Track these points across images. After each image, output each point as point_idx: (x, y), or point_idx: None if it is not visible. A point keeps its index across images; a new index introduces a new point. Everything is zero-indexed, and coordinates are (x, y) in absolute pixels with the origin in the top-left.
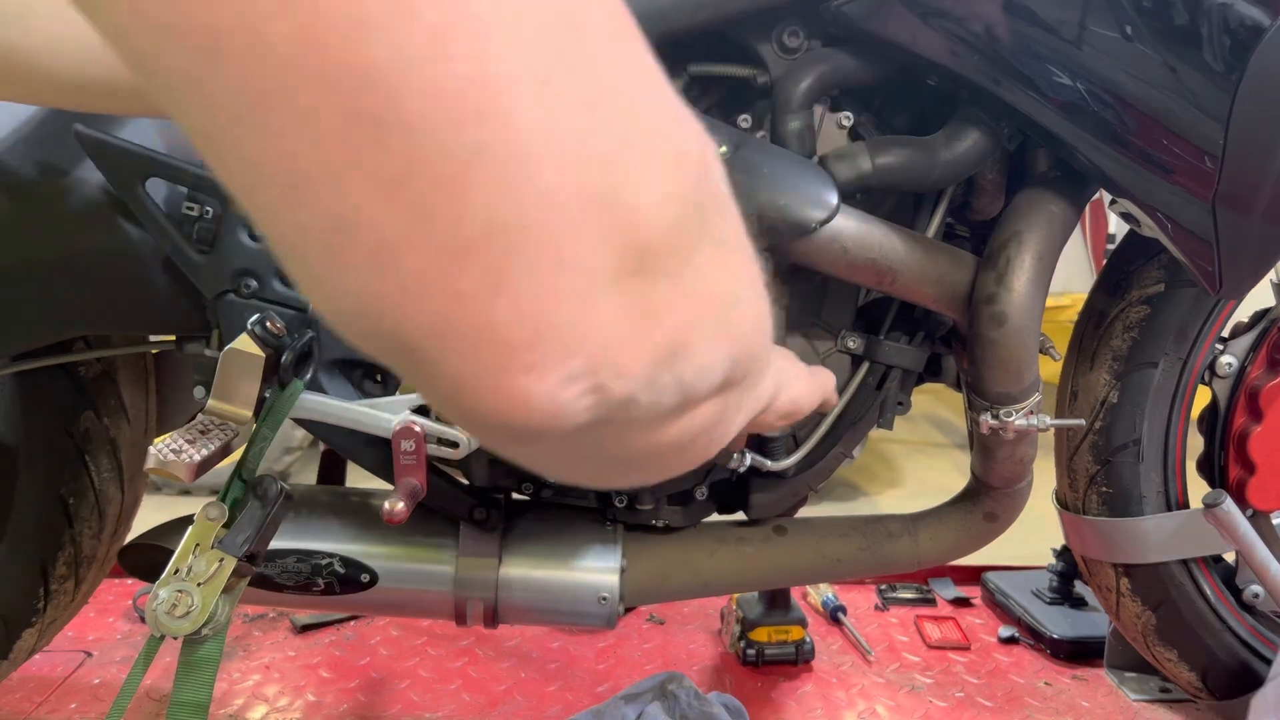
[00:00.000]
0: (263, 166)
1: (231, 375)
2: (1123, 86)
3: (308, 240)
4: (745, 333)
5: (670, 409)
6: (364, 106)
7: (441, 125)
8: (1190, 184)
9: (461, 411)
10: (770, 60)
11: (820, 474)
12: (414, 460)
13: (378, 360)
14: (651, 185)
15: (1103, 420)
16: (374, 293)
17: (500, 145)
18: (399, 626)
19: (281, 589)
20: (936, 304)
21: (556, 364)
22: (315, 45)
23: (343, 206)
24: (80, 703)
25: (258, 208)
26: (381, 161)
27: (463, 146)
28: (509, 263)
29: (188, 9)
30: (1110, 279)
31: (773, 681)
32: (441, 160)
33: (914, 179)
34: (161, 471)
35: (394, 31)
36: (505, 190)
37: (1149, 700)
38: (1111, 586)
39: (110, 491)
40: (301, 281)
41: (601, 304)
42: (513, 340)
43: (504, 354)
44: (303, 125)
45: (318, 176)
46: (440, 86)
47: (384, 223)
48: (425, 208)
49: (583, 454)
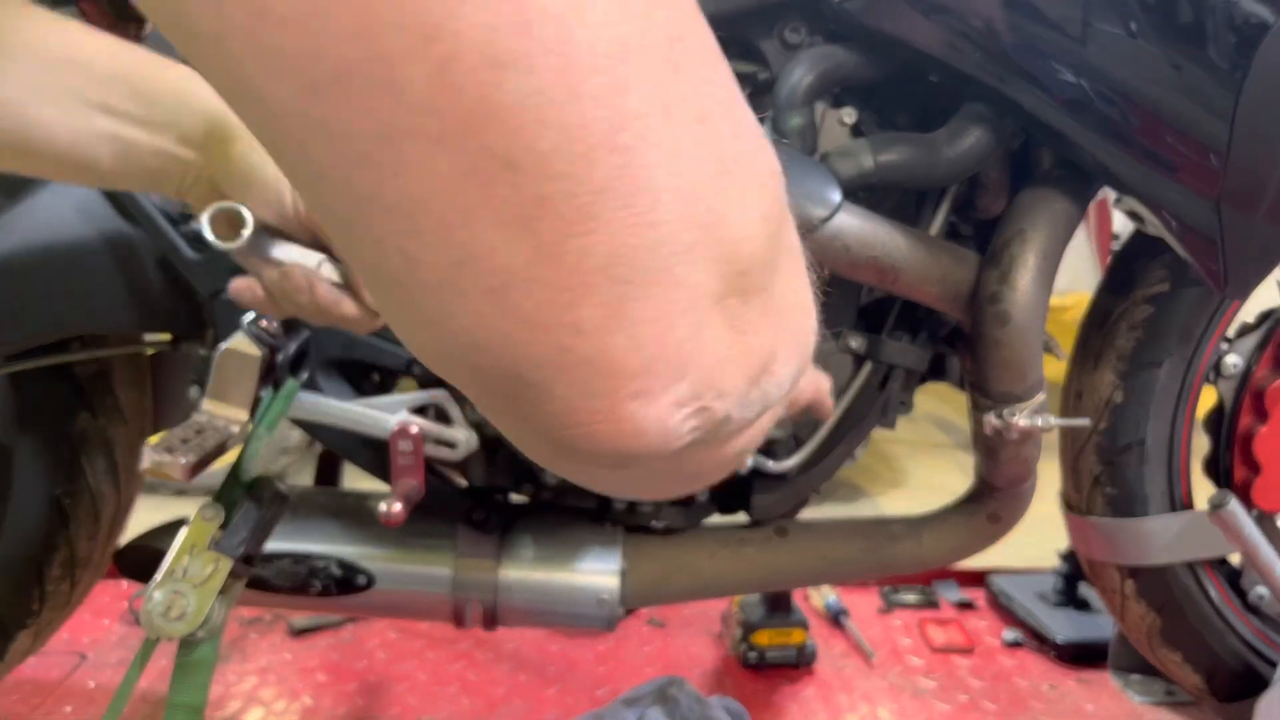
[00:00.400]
0: (382, 204)
1: (227, 375)
2: (1127, 83)
3: (425, 276)
4: (810, 340)
5: (748, 422)
6: (496, 146)
7: (573, 163)
8: (1195, 182)
9: (567, 441)
10: (772, 56)
11: (822, 475)
12: (412, 461)
13: (476, 397)
14: (750, 207)
15: (1107, 420)
16: (492, 326)
17: (626, 179)
18: (397, 629)
19: (278, 591)
20: (939, 303)
21: (666, 388)
22: (450, 86)
23: (467, 242)
24: (76, 705)
25: (367, 244)
26: (510, 199)
27: (592, 182)
28: (626, 292)
29: (319, 47)
30: (1115, 278)
31: (774, 685)
32: (571, 197)
33: (917, 176)
34: (157, 472)
35: (529, 73)
36: (628, 222)
37: (1154, 703)
38: (1116, 589)
39: (106, 492)
40: (408, 318)
41: (706, 327)
42: (628, 367)
43: (618, 381)
44: (432, 163)
45: (444, 213)
46: (573, 125)
47: (509, 258)
48: (551, 243)
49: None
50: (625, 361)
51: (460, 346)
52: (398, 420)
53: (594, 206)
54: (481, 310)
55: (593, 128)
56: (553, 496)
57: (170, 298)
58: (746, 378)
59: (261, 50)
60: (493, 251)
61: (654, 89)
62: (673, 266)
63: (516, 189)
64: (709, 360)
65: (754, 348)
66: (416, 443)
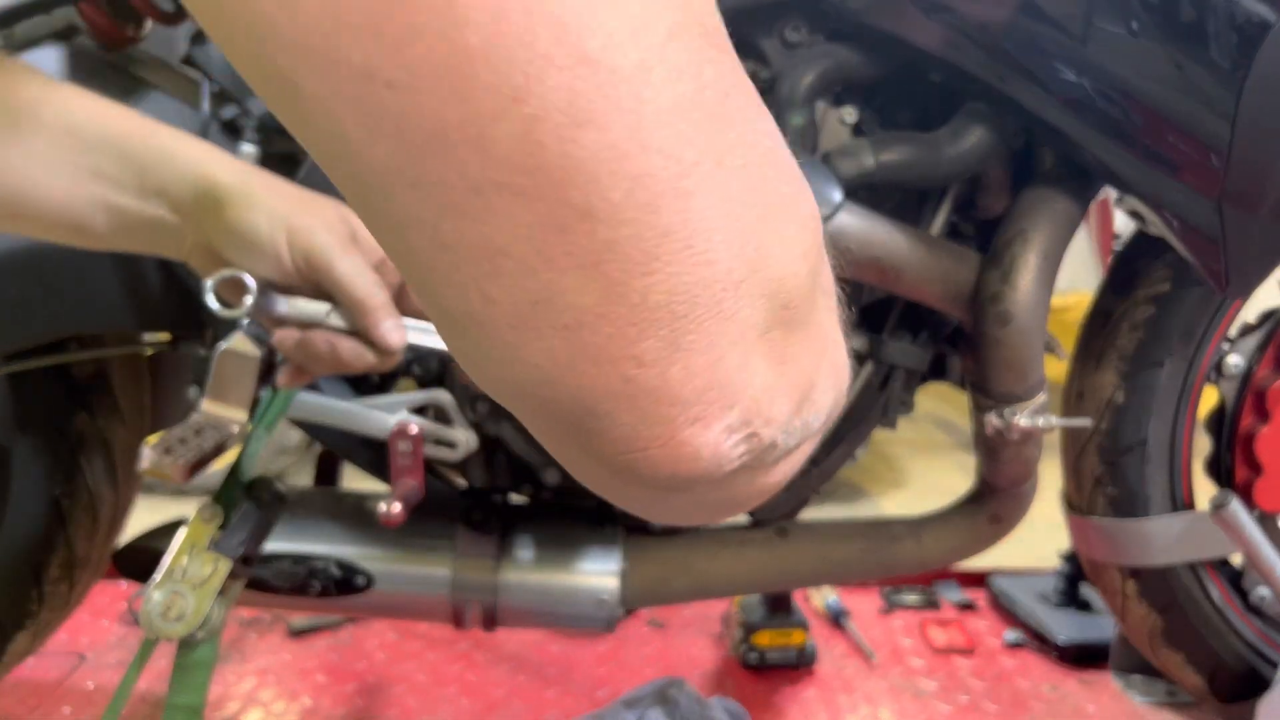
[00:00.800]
0: (466, 250)
1: (226, 375)
2: (1129, 83)
3: (503, 316)
4: (846, 373)
5: (791, 450)
6: (574, 197)
7: (640, 210)
8: (1196, 181)
9: (628, 466)
10: (772, 55)
11: (823, 475)
12: (411, 461)
13: (541, 428)
14: (793, 244)
15: (1109, 421)
16: (563, 361)
17: (685, 224)
18: (396, 630)
19: (277, 592)
20: (941, 302)
21: (719, 416)
22: (534, 143)
23: (544, 284)
24: (74, 707)
25: (448, 287)
26: (585, 245)
27: (656, 228)
28: (684, 327)
29: (418, 105)
30: (1116, 278)
31: (775, 686)
32: (638, 241)
33: (918, 176)
34: (155, 472)
35: (604, 130)
36: (687, 262)
37: (1155, 704)
38: (1118, 589)
39: (104, 493)
40: (483, 355)
41: (754, 357)
42: (684, 396)
43: (676, 410)
44: (516, 213)
45: (524, 258)
46: (641, 176)
47: (580, 298)
48: (619, 283)
49: (716, 498)
50: (682, 390)
51: (533, 381)
52: (397, 420)
53: (657, 249)
54: (554, 347)
55: (658, 177)
56: (552, 497)
57: (168, 297)
58: (791, 406)
59: (364, 112)
60: (566, 292)
61: (708, 140)
62: (724, 301)
63: (591, 235)
64: (757, 389)
65: (797, 377)
66: (416, 443)
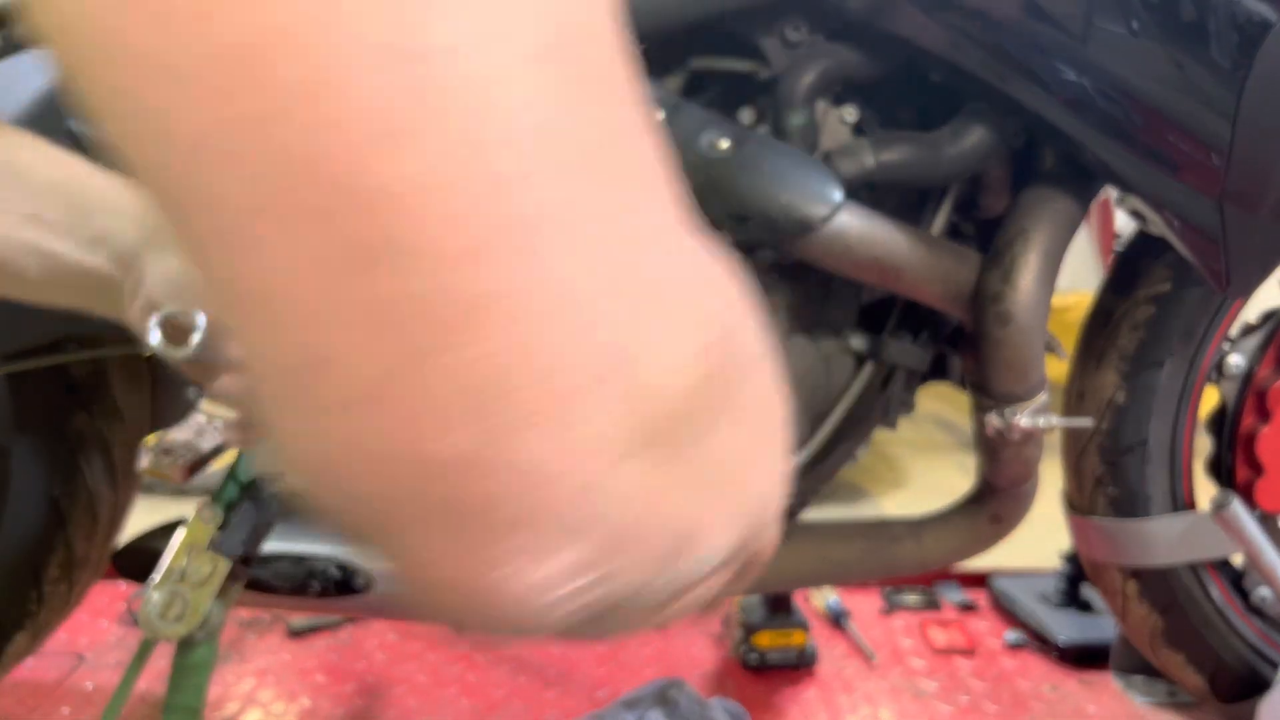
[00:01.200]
0: (236, 289)
1: None
2: (1129, 82)
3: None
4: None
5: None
6: (370, 230)
7: (460, 259)
8: (1197, 181)
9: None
10: (773, 55)
11: (823, 476)
12: None
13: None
14: (678, 344)
15: (1109, 421)
16: (341, 443)
17: (518, 289)
18: (395, 631)
19: (276, 592)
20: (941, 302)
21: (554, 549)
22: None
23: (320, 341)
24: (73, 707)
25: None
26: (373, 296)
27: (479, 286)
28: (506, 426)
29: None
30: (1117, 277)
31: (775, 686)
32: (451, 300)
33: (918, 175)
34: (155, 472)
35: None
36: (515, 340)
37: (1156, 704)
38: (1118, 590)
39: (103, 493)
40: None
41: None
42: (504, 517)
43: (491, 534)
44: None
45: (296, 305)
46: (465, 216)
47: (365, 364)
48: (416, 351)
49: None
50: (501, 510)
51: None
52: None
53: (479, 314)
54: (328, 428)
55: (483, 220)
56: None
57: None
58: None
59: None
60: (350, 354)
61: (570, 191)
62: (571, 402)
63: (389, 283)
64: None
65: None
66: None
